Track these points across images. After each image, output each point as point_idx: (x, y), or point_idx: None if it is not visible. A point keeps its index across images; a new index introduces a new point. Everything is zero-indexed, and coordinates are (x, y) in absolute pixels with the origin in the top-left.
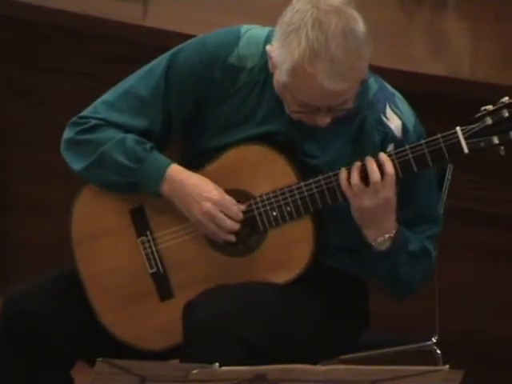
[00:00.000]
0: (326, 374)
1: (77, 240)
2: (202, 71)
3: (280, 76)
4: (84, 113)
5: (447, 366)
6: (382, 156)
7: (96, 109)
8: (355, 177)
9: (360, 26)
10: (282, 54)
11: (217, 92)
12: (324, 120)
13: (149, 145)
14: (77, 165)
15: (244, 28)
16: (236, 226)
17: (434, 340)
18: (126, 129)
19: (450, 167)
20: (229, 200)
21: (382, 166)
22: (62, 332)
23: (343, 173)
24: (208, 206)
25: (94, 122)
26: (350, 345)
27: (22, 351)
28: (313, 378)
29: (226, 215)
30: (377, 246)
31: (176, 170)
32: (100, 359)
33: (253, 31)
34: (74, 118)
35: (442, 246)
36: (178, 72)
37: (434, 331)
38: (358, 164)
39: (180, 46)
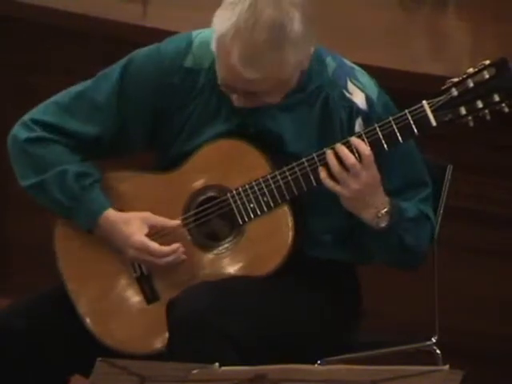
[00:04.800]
0: (327, 374)
1: (62, 256)
2: (160, 79)
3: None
4: (35, 114)
5: (447, 366)
6: (354, 140)
7: (47, 109)
8: (336, 166)
9: (295, 26)
10: (215, 21)
11: (179, 97)
12: (237, 99)
13: (88, 180)
14: (22, 180)
15: (195, 32)
16: (169, 259)
17: (433, 340)
18: (76, 136)
19: (449, 168)
20: (150, 243)
21: (357, 149)
22: (51, 348)
23: (322, 172)
24: (132, 252)
25: (42, 133)
26: (344, 339)
27: (10, 368)
28: (313, 378)
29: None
30: (377, 225)
31: (105, 220)
32: (100, 359)
33: (204, 33)
34: (26, 119)
35: (441, 246)
36: (134, 80)
37: (434, 331)
38: (329, 154)
39: (134, 52)
